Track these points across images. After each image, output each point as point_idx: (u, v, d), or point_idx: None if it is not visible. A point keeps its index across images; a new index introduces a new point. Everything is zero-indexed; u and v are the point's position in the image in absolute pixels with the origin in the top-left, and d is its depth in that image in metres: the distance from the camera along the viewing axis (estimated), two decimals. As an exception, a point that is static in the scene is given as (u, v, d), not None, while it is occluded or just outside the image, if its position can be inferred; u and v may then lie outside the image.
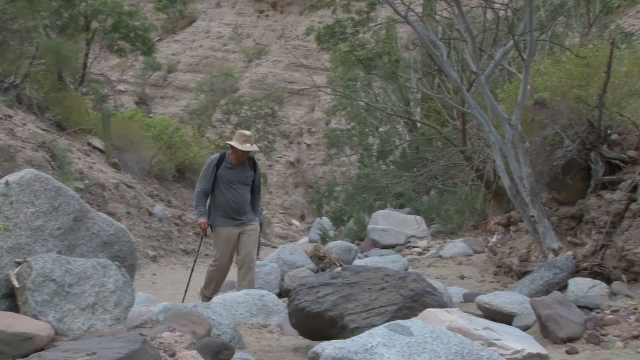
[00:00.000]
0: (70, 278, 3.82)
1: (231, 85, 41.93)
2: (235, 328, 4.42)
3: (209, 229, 6.84)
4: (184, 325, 3.85)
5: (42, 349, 3.39)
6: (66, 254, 4.13)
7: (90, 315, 3.82)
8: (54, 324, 3.67)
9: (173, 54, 46.44)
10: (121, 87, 41.84)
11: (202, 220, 6.77)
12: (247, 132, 6.98)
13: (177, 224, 16.77)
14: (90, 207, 4.67)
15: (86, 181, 13.56)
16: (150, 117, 26.25)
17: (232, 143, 6.81)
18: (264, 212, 14.97)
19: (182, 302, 6.62)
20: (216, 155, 7.07)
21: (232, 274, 7.23)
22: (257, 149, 7.14)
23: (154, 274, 12.15)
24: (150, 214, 15.70)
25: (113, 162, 16.46)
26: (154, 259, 13.81)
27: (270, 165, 38.67)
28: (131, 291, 4.09)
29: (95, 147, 17.00)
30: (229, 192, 6.74)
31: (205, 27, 48.02)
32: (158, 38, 42.30)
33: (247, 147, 6.74)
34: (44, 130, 14.65)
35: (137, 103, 41.78)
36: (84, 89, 21.17)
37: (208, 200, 6.91)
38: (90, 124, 17.64)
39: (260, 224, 8.56)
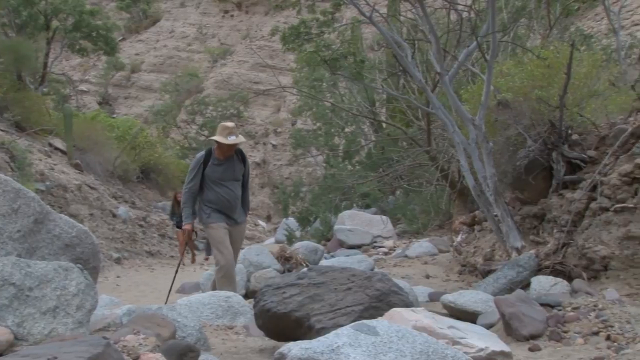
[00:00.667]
0: (31, 282, 3.74)
1: (196, 85, 41.69)
2: (200, 330, 4.38)
3: (194, 234, 6.73)
4: (148, 327, 3.80)
5: (1, 355, 3.31)
6: (26, 257, 4.04)
7: (52, 320, 3.74)
8: (13, 328, 3.58)
9: (137, 54, 45.94)
10: (83, 87, 41.24)
11: (187, 226, 6.53)
12: (230, 124, 6.55)
13: (141, 226, 16.60)
14: (52, 209, 4.57)
15: (47, 183, 13.32)
16: (113, 117, 25.95)
17: (216, 138, 6.41)
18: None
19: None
20: (202, 152, 6.69)
21: (193, 275, 7.18)
22: (244, 139, 6.74)
23: (118, 276, 11.99)
24: (114, 215, 15.51)
25: (75, 163, 16.21)
26: (117, 261, 13.64)
27: (236, 166, 38.39)
28: (94, 294, 4.02)
29: (56, 148, 16.72)
30: (221, 189, 6.42)
31: (169, 27, 47.61)
32: (121, 38, 41.77)
33: (232, 139, 6.36)
34: (2, 131, 14.37)
35: (100, 103, 41.23)
36: (44, 89, 20.81)
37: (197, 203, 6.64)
38: (52, 125, 17.36)
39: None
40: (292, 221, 18.80)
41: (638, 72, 8.60)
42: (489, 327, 4.68)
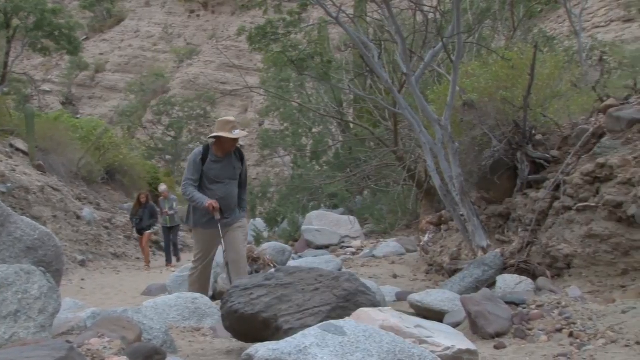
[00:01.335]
0: (-9, 285, 3.65)
1: (162, 85, 41.33)
2: (166, 332, 4.33)
3: (217, 214, 6.07)
4: (113, 330, 3.74)
5: (-40, 361, 3.22)
6: (-14, 261, 3.95)
7: (13, 324, 3.66)
8: (-28, 334, 3.50)
9: (101, 54, 45.33)
10: (46, 87, 40.55)
11: (209, 202, 5.99)
12: (231, 118, 6.28)
13: (106, 227, 16.37)
14: (13, 211, 4.48)
15: (8, 184, 13.04)
16: (77, 118, 25.55)
17: (221, 134, 6.06)
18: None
19: None
20: (199, 148, 6.35)
21: (160, 277, 7.09)
22: (246, 133, 6.59)
23: (82, 279, 11.79)
24: (79, 217, 15.26)
25: (38, 165, 15.91)
26: (82, 263, 13.42)
27: (203, 167, 38.22)
28: (57, 297, 3.94)
29: (18, 149, 16.39)
30: (217, 188, 6.13)
31: (134, 27, 47.07)
32: (85, 37, 41.18)
33: (237, 133, 6.05)
34: (-38, 131, 14.02)
35: (63, 104, 40.56)
36: (5, 89, 20.40)
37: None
38: (13, 125, 17.01)
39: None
40: (259, 222, 18.73)
41: (599, 73, 8.78)
42: (455, 325, 4.72)
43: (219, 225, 6.10)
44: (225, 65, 39.31)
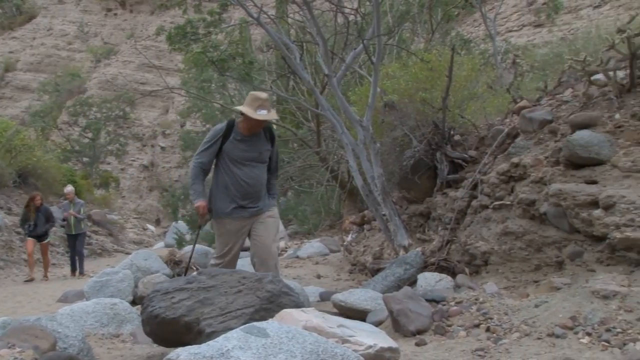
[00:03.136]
0: None
1: (78, 86, 40.05)
2: (83, 340, 4.17)
3: (208, 214, 5.40)
4: (25, 340, 3.58)
5: None
6: None
7: None
8: None
9: (11, 52, 43.49)
10: (-49, 86, 38.59)
11: (200, 203, 5.28)
12: (263, 95, 5.39)
13: (19, 233, 15.67)
14: None
15: None
16: (-14, 119, 24.35)
17: (243, 109, 5.26)
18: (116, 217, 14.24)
19: None
20: (222, 124, 5.51)
21: (77, 283, 6.85)
22: (276, 116, 5.60)
23: (-8, 288, 11.25)
24: (-12, 223, 14.55)
25: (-58, 168, 15.07)
26: (-8, 271, 12.80)
27: (122, 169, 37.42)
28: (-38, 308, 3.73)
29: None
30: (241, 171, 5.30)
31: (47, 24, 45.35)
32: (-7, 34, 39.38)
33: (262, 114, 5.21)
34: None
35: (-29, 104, 38.65)
36: None
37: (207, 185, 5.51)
38: None
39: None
40: (182, 224, 18.45)
41: (512, 76, 9.10)
42: (378, 324, 4.77)
43: (246, 214, 5.30)
44: (144, 65, 38.47)
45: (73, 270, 13.57)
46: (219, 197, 5.37)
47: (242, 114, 5.26)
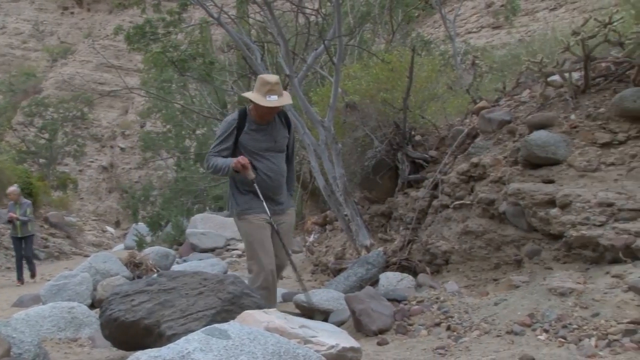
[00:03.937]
0: None
1: (34, 85, 39.23)
2: (39, 345, 4.09)
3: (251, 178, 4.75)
4: (-22, 348, 3.48)
5: None
6: None
7: None
8: None
9: (-37, 50, 42.34)
10: None
11: (236, 160, 4.71)
12: (273, 78, 4.87)
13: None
14: None
15: None
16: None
17: (251, 96, 4.83)
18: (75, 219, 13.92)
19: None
20: (234, 114, 5.03)
21: (33, 287, 6.69)
22: (290, 100, 5.09)
23: (-55, 294, 10.91)
24: (-62, 226, 14.13)
25: None
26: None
27: (81, 170, 36.79)
28: None
29: None
30: (259, 163, 4.83)
31: (0, 23, 44.25)
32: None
33: (273, 100, 4.74)
34: None
35: None
36: None
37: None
38: None
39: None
40: (142, 226, 18.25)
41: (472, 76, 9.21)
42: (340, 324, 4.78)
43: (271, 212, 4.81)
44: (103, 65, 37.86)
45: (19, 276, 12.47)
46: (238, 194, 4.94)
47: (250, 101, 4.84)
